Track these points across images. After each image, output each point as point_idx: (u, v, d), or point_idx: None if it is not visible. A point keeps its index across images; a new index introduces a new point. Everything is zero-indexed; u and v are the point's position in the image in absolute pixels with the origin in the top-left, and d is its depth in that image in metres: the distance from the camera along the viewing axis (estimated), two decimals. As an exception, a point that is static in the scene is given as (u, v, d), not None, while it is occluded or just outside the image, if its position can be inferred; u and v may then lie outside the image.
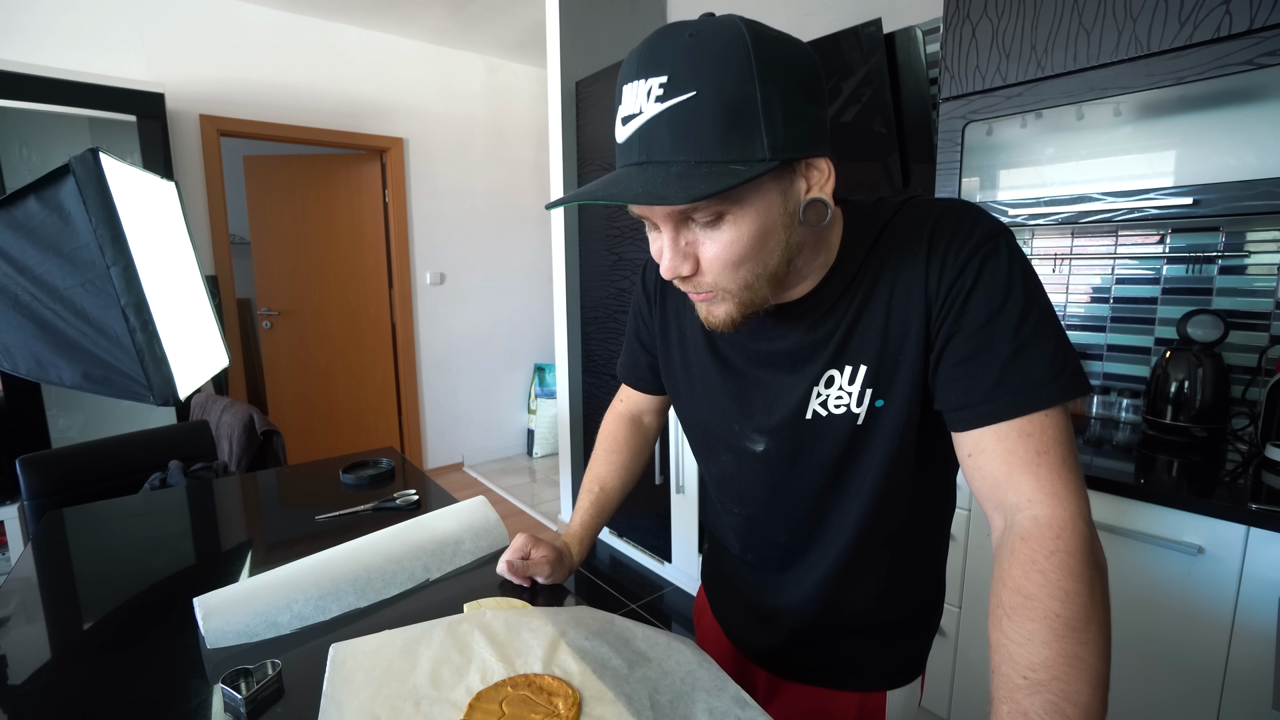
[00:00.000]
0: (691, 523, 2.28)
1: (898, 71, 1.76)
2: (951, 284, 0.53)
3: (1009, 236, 0.54)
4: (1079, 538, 0.47)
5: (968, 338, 0.53)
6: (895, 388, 0.57)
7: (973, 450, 0.53)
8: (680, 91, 0.46)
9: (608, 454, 0.90)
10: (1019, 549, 0.48)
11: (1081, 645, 0.44)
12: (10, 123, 2.41)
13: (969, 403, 0.53)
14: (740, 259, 0.52)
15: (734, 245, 0.51)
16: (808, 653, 0.72)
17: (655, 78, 0.47)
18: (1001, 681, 0.46)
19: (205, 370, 1.15)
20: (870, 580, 0.67)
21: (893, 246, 0.56)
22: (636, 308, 0.82)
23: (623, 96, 0.50)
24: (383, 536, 0.90)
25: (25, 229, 0.89)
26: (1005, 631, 0.47)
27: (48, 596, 0.85)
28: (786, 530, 0.68)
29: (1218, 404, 1.33)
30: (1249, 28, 1.10)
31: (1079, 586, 0.46)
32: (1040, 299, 0.52)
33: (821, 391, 0.60)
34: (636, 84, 0.48)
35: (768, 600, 0.72)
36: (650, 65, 0.47)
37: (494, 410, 4.08)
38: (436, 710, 0.56)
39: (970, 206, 0.56)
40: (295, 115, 3.17)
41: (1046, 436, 0.50)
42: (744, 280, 0.53)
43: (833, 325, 0.59)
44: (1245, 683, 1.06)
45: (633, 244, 2.47)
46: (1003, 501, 0.52)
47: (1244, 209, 1.16)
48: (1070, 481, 0.50)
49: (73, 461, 1.50)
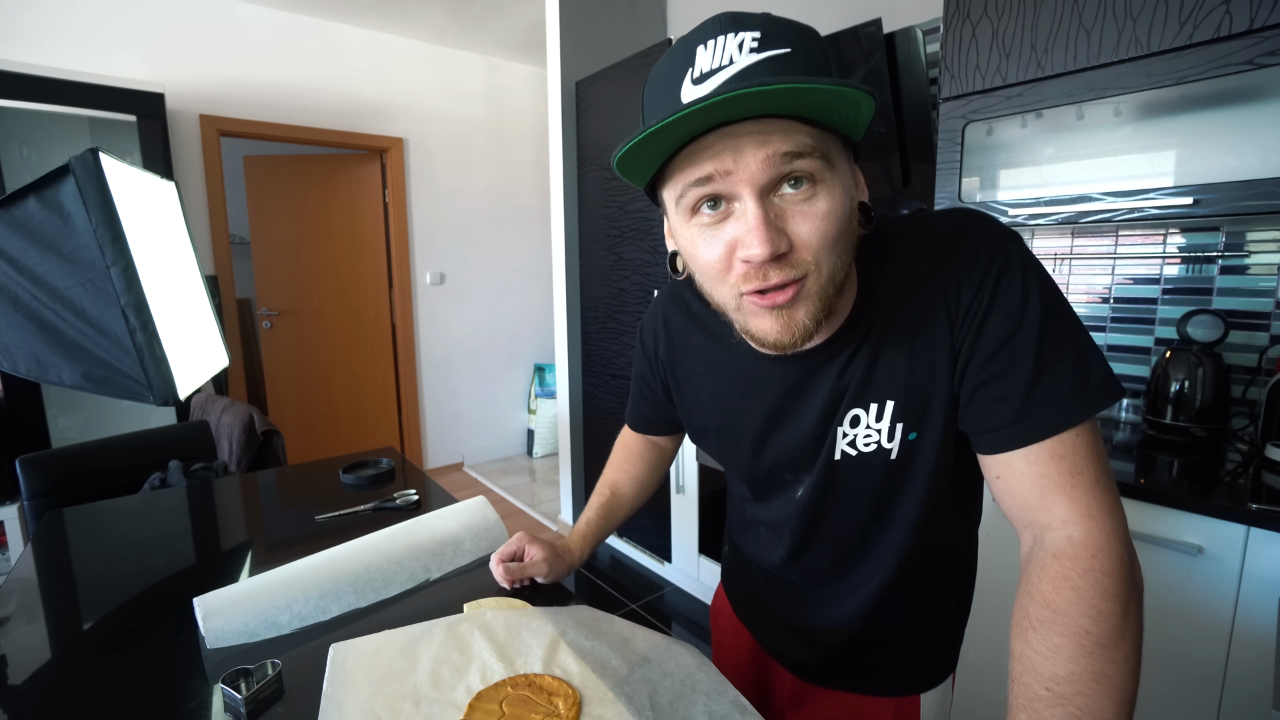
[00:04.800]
0: (691, 523, 2.28)
1: (898, 71, 1.76)
2: (969, 305, 0.52)
3: (1018, 244, 0.52)
4: (1115, 559, 0.46)
5: (988, 359, 0.51)
6: (929, 418, 0.56)
7: (1001, 473, 0.52)
8: (775, 46, 0.44)
9: (622, 462, 0.89)
10: (1050, 565, 0.47)
11: (1111, 664, 0.43)
12: (10, 123, 2.41)
13: (995, 426, 0.51)
14: (837, 234, 0.47)
15: (830, 217, 0.47)
16: (844, 662, 0.71)
17: (747, 32, 0.44)
18: (1022, 690, 0.45)
19: (205, 370, 1.15)
20: (909, 594, 0.66)
21: (906, 276, 0.55)
22: (640, 371, 0.80)
23: (696, 56, 0.46)
24: (383, 536, 0.90)
25: (25, 229, 0.89)
26: (1030, 643, 0.46)
27: (48, 596, 0.85)
28: (830, 558, 0.66)
29: (1218, 404, 1.33)
30: (1249, 28, 1.10)
31: (1113, 605, 0.45)
32: (1056, 307, 0.51)
33: (848, 432, 0.58)
34: (722, 39, 0.45)
35: (806, 617, 0.71)
36: (738, 23, 0.45)
37: (494, 410, 4.08)
38: (436, 710, 0.56)
39: (975, 217, 0.54)
40: (295, 115, 3.17)
41: (1079, 457, 0.49)
42: (832, 267, 0.48)
43: (853, 364, 0.57)
44: (1245, 683, 1.06)
45: (633, 244, 2.47)
46: (1034, 521, 0.51)
47: (1244, 209, 1.16)
48: (1105, 501, 0.49)
49: (73, 461, 1.50)
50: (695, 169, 0.47)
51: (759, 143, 0.45)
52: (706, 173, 0.46)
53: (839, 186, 0.47)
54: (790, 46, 0.44)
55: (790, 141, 0.45)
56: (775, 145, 0.45)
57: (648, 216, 2.37)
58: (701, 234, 0.50)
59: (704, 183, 0.47)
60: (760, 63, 0.44)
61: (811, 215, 0.47)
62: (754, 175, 0.45)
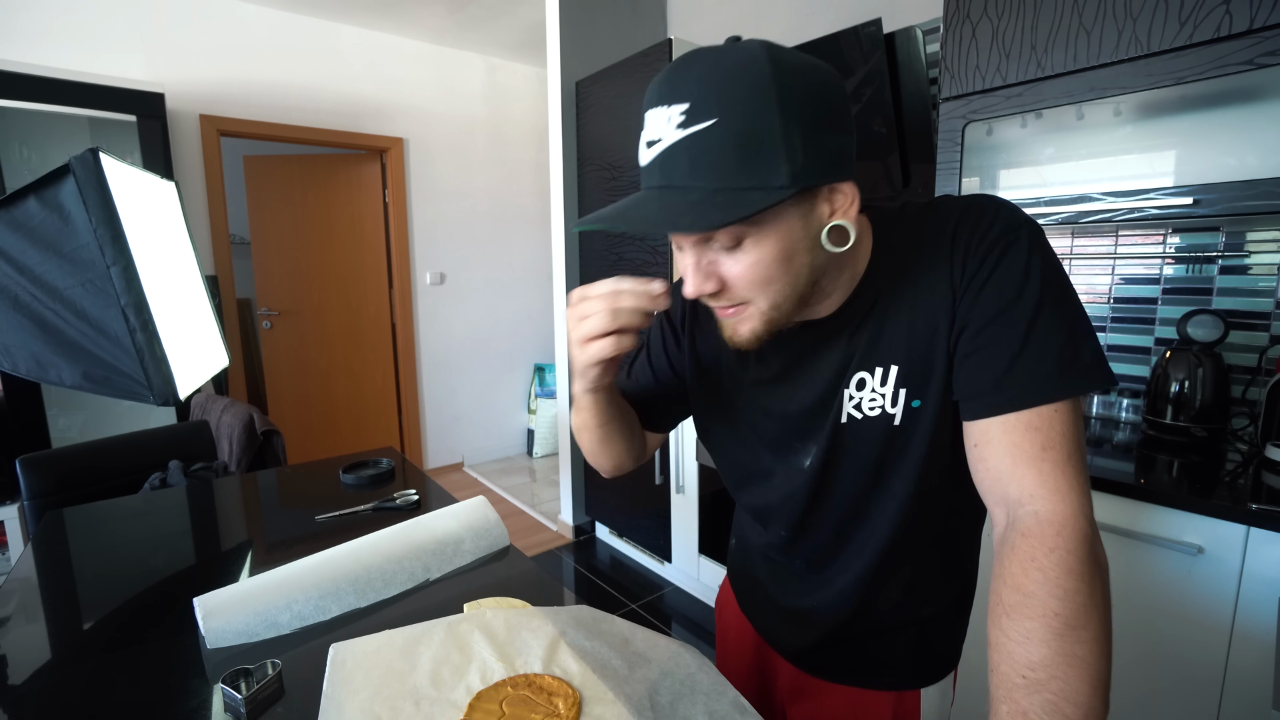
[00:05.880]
0: (691, 523, 2.28)
1: (898, 71, 1.76)
2: (972, 276, 0.53)
3: (1033, 228, 0.53)
4: (1079, 535, 0.47)
5: (981, 328, 0.53)
6: (931, 386, 0.57)
7: (979, 441, 0.53)
8: (700, 120, 0.46)
9: None
10: (1019, 545, 0.48)
11: (1080, 644, 0.44)
12: (10, 123, 2.41)
13: (977, 392, 0.53)
14: (767, 279, 0.52)
15: (756, 267, 0.51)
16: (843, 652, 0.71)
17: (677, 105, 0.47)
18: (1001, 680, 0.46)
19: (205, 370, 1.15)
20: (903, 578, 0.66)
21: (918, 248, 0.56)
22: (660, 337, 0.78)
23: (646, 122, 0.51)
24: (383, 536, 0.90)
25: (25, 229, 0.89)
26: (1004, 629, 0.47)
27: (48, 596, 0.85)
28: (832, 530, 0.67)
29: (1218, 404, 1.33)
30: (1249, 28, 1.10)
31: (1078, 585, 0.46)
32: (1057, 291, 0.52)
33: (854, 395, 0.60)
34: (659, 110, 0.49)
35: (801, 600, 0.72)
36: (671, 93, 0.48)
37: (494, 410, 4.08)
38: (436, 710, 0.56)
39: (997, 201, 0.55)
40: (295, 115, 3.17)
41: (1054, 431, 0.50)
42: (773, 299, 0.53)
43: (861, 329, 0.58)
44: (1245, 683, 1.06)
45: (633, 244, 2.47)
46: (1005, 495, 0.52)
47: (1244, 209, 1.16)
48: (1074, 478, 0.50)
49: (73, 461, 1.50)
50: None
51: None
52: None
53: (770, 238, 0.50)
54: (717, 117, 0.46)
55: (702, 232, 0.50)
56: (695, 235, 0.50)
57: (648, 216, 2.37)
58: (675, 250, 0.56)
59: None
60: (681, 142, 0.48)
61: (740, 263, 0.51)
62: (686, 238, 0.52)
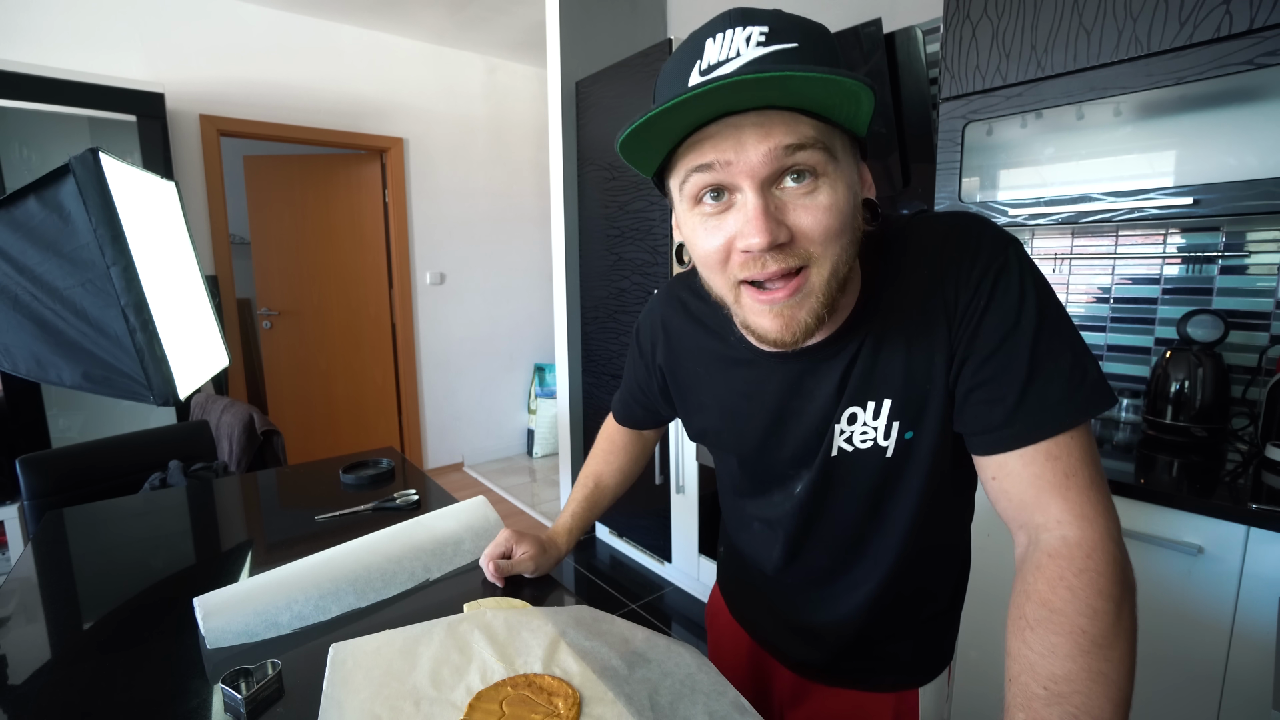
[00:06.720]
0: (692, 523, 2.28)
1: (898, 71, 1.76)
2: (966, 307, 0.52)
3: (1016, 247, 0.53)
4: (1109, 558, 0.47)
5: (983, 361, 0.52)
6: (925, 418, 0.56)
7: (997, 474, 0.53)
8: (782, 41, 0.45)
9: (606, 454, 0.91)
10: (1046, 565, 0.48)
11: (1107, 662, 0.44)
12: (10, 123, 2.41)
13: (990, 427, 0.52)
14: (839, 229, 0.47)
15: (832, 210, 0.47)
16: (849, 656, 0.71)
17: (755, 26, 0.45)
18: (1019, 690, 0.45)
19: (205, 370, 1.15)
20: (912, 586, 0.66)
21: (906, 275, 0.55)
22: (635, 373, 0.81)
23: (704, 50, 0.47)
24: (383, 536, 0.90)
25: (25, 229, 0.89)
26: (1027, 642, 0.46)
27: (48, 596, 0.85)
28: (828, 557, 0.67)
29: (1218, 404, 1.33)
30: (1249, 28, 1.10)
31: (1107, 605, 0.45)
32: (1053, 311, 0.51)
33: (845, 428, 0.59)
34: (730, 32, 0.46)
35: (809, 616, 0.71)
36: (745, 18, 0.46)
37: (494, 410, 4.08)
38: (436, 710, 0.56)
39: (975, 220, 0.55)
40: (295, 115, 3.17)
41: (1073, 459, 0.49)
42: (833, 261, 0.48)
43: (853, 361, 0.57)
44: (1245, 683, 1.06)
45: (633, 244, 2.47)
46: (1029, 521, 0.51)
47: (1244, 209, 1.16)
48: (1099, 502, 0.49)
49: (73, 461, 1.50)
50: (697, 156, 0.48)
51: (760, 135, 0.45)
52: (708, 160, 0.47)
53: (842, 181, 0.48)
54: (798, 41, 0.45)
55: (792, 134, 0.45)
56: (777, 138, 0.45)
57: (647, 216, 2.37)
58: (703, 223, 0.50)
59: (705, 170, 0.48)
60: (766, 56, 0.44)
61: (813, 208, 0.47)
62: (754, 168, 0.46)
